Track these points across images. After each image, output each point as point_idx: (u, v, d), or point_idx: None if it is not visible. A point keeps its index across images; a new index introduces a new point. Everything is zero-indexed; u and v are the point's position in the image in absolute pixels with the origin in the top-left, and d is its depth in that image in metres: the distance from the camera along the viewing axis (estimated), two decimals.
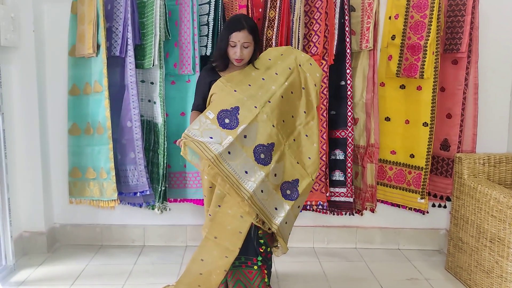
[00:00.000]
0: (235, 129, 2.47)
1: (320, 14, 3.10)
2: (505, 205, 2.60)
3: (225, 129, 2.47)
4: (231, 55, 2.63)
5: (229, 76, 2.64)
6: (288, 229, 2.65)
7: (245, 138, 2.49)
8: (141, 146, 3.09)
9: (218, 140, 2.44)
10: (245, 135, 2.49)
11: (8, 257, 3.05)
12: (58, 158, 3.38)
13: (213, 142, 2.43)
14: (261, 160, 2.51)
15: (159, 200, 3.19)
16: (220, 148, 2.42)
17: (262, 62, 2.73)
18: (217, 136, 2.45)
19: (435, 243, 3.54)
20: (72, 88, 3.23)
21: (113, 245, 3.50)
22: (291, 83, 2.66)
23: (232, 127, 2.48)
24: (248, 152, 2.50)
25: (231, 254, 2.56)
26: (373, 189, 3.29)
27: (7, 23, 2.97)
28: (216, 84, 2.63)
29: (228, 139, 2.44)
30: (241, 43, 2.57)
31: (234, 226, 2.55)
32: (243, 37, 2.57)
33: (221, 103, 2.54)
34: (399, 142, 3.27)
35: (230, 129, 2.47)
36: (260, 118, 2.52)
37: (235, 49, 2.59)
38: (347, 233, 3.55)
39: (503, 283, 2.64)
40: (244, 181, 2.47)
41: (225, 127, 2.48)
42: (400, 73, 3.15)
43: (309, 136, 2.69)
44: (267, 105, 2.55)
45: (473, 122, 3.19)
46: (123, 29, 3.02)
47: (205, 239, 2.62)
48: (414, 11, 3.09)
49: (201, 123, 2.49)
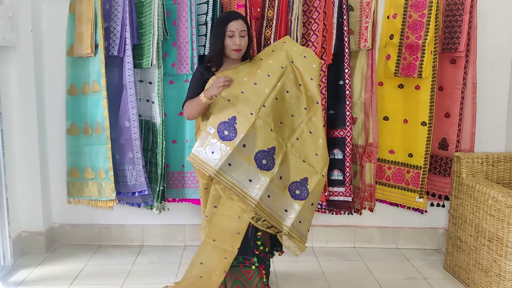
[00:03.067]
0: (234, 140, 2.46)
1: (318, 13, 3.10)
2: (504, 204, 2.60)
3: (224, 141, 2.46)
4: (230, 46, 2.59)
5: (223, 74, 2.60)
6: (305, 227, 2.62)
7: (244, 147, 2.48)
8: (139, 146, 3.09)
9: (218, 154, 2.45)
10: (244, 144, 2.48)
11: (6, 257, 3.04)
12: (57, 158, 3.38)
13: (212, 158, 2.45)
14: (263, 166, 2.50)
15: (158, 200, 3.19)
16: (219, 163, 2.43)
17: (256, 62, 2.71)
18: (217, 149, 2.46)
19: (434, 242, 3.54)
20: (70, 88, 3.23)
21: (111, 245, 3.50)
22: (284, 83, 2.63)
23: (231, 138, 2.47)
24: (249, 160, 2.49)
25: (230, 255, 2.56)
26: (371, 189, 3.29)
27: (5, 22, 2.97)
28: (211, 80, 2.59)
29: (226, 151, 2.45)
30: (238, 31, 2.58)
31: (232, 228, 2.54)
32: (239, 25, 2.58)
33: (219, 115, 2.52)
34: (397, 142, 3.27)
35: (229, 140, 2.46)
36: (257, 124, 2.50)
37: (234, 38, 2.58)
38: (346, 232, 3.55)
39: (501, 282, 2.64)
40: (249, 190, 2.47)
41: (225, 139, 2.47)
42: (398, 72, 3.15)
43: (313, 133, 2.65)
44: (262, 109, 2.53)
45: (471, 121, 3.20)
46: (121, 28, 3.02)
47: (204, 242, 2.62)
48: (412, 10, 3.09)
49: (204, 139, 2.49)
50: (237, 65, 2.68)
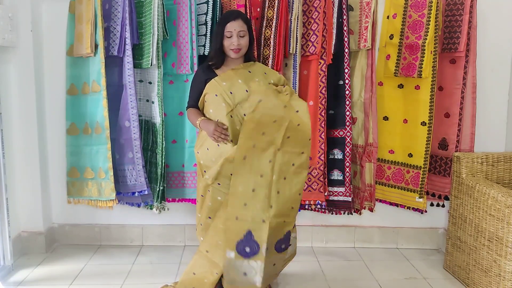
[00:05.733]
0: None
1: (318, 13, 3.10)
2: (503, 204, 2.60)
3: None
4: (228, 46, 2.60)
5: (224, 75, 2.61)
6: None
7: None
8: (139, 145, 3.09)
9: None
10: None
11: (6, 257, 3.04)
12: (56, 158, 3.38)
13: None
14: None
15: (158, 200, 3.19)
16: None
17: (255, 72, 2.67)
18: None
19: (434, 242, 3.54)
20: (70, 88, 3.23)
21: (111, 245, 3.50)
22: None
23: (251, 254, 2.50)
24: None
25: (220, 270, 2.55)
26: (371, 189, 3.29)
27: (5, 22, 2.97)
28: (211, 83, 2.60)
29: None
30: (237, 31, 2.57)
31: (223, 241, 2.53)
32: (238, 25, 2.58)
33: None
34: (397, 142, 3.27)
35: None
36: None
37: (232, 39, 2.58)
38: (346, 232, 3.55)
39: (501, 282, 2.64)
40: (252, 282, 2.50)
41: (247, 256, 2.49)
42: (398, 72, 3.15)
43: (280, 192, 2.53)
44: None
45: (471, 121, 3.20)
46: (121, 28, 3.02)
47: (198, 252, 2.64)
48: (412, 10, 3.09)
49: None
50: (240, 65, 2.67)
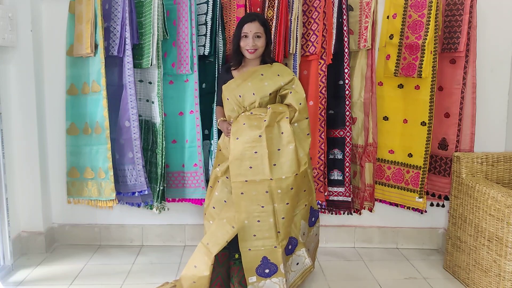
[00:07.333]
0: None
1: (318, 13, 3.10)
2: (503, 204, 2.60)
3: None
4: (243, 47, 2.74)
5: (236, 78, 2.77)
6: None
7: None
8: (139, 145, 3.09)
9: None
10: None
11: (6, 257, 3.04)
12: (56, 158, 3.38)
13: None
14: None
15: (158, 199, 3.19)
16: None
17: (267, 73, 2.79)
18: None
19: (434, 242, 3.54)
20: (70, 88, 3.23)
21: (111, 245, 3.50)
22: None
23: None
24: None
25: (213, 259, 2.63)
26: (371, 189, 3.29)
27: (5, 22, 2.97)
28: (224, 86, 2.77)
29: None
30: (252, 33, 2.71)
31: (222, 234, 2.63)
32: (255, 27, 2.72)
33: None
34: (397, 142, 3.27)
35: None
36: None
37: (247, 40, 2.72)
38: (346, 232, 3.55)
39: (501, 282, 2.65)
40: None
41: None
42: (398, 72, 3.15)
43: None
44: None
45: (471, 121, 3.20)
46: (121, 28, 3.02)
47: (200, 244, 2.69)
48: (412, 10, 3.09)
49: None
50: (255, 67, 2.79)
